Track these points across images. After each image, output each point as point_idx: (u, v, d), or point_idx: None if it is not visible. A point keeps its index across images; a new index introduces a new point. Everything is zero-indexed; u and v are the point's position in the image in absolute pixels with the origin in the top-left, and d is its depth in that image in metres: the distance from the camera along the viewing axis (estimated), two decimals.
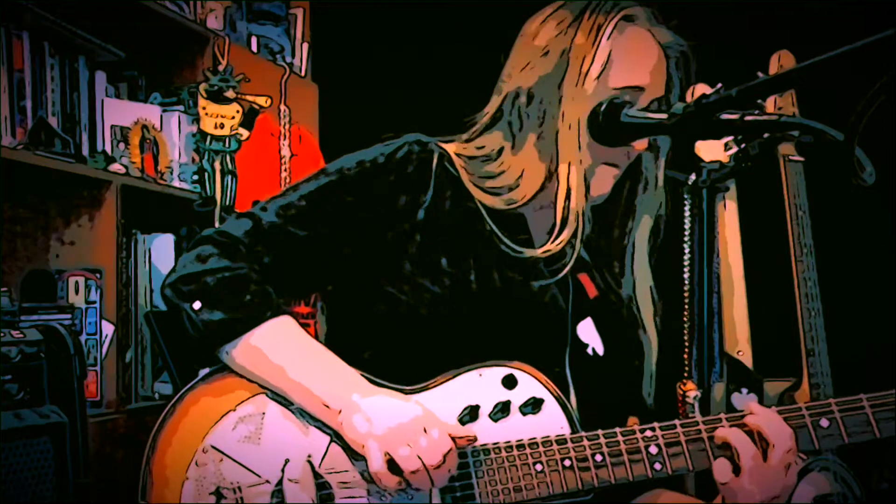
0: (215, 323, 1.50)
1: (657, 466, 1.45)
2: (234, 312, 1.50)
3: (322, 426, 1.50)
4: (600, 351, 1.66)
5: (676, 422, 1.47)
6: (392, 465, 1.42)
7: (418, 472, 1.41)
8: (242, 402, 1.52)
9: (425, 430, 1.42)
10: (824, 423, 1.45)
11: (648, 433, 1.46)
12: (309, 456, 1.49)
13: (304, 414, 1.51)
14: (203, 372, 1.57)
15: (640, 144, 1.59)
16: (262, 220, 1.58)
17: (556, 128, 1.57)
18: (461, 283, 1.56)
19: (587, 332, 1.66)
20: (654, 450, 1.46)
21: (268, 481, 1.48)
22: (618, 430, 1.47)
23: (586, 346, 1.65)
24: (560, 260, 1.62)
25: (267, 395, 1.53)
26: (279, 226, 1.57)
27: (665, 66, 1.62)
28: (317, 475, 1.48)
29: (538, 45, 1.61)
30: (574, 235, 1.58)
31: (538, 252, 1.59)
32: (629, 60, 1.58)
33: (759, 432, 1.43)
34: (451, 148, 1.65)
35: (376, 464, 1.42)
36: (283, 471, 1.48)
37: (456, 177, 1.62)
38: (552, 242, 1.58)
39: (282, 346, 1.52)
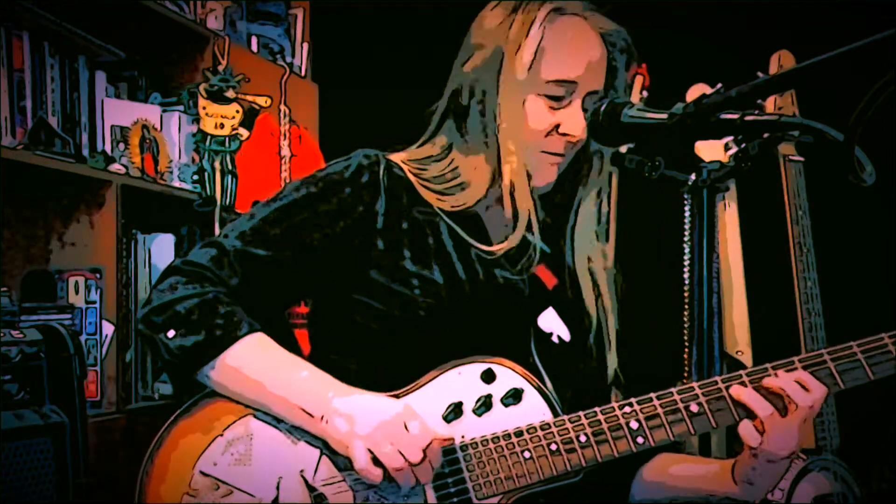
0: (189, 348, 1.51)
1: (640, 440, 1.48)
2: (206, 335, 1.51)
3: (310, 440, 1.51)
4: (566, 337, 1.69)
5: (653, 395, 1.49)
6: (377, 461, 1.44)
7: (402, 470, 1.44)
8: (229, 425, 1.53)
9: (406, 426, 1.44)
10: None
11: (627, 409, 1.49)
12: (301, 470, 1.50)
13: (292, 429, 1.52)
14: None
15: (580, 134, 1.61)
16: (225, 246, 1.60)
17: (496, 123, 1.61)
18: (428, 282, 1.59)
19: (549, 321, 1.69)
20: (634, 425, 1.48)
21: (263, 500, 1.48)
22: (597, 409, 1.50)
23: (549, 335, 1.67)
24: (521, 253, 1.66)
25: (255, 416, 1.53)
26: (242, 250, 1.59)
27: (606, 56, 1.65)
28: (311, 488, 1.49)
29: (478, 42, 1.66)
30: (528, 228, 1.62)
31: (501, 248, 1.63)
32: (563, 52, 1.61)
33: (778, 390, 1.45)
34: (398, 157, 1.69)
35: (361, 461, 1.43)
36: (277, 489, 1.49)
37: (408, 183, 1.65)
38: (509, 239, 1.63)
39: (257, 362, 1.53)
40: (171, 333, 1.52)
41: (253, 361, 1.53)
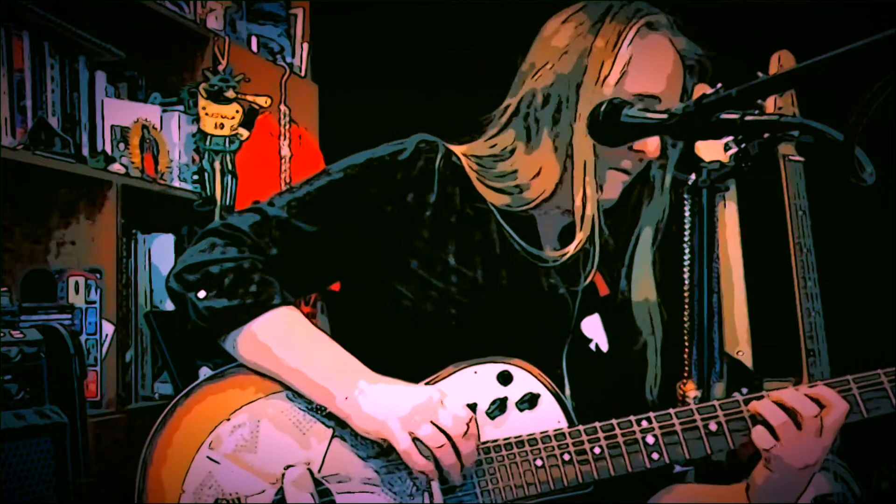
0: (219, 310, 1.50)
1: (654, 456, 1.47)
2: (238, 300, 1.50)
3: (324, 419, 1.50)
4: (604, 347, 1.67)
5: (671, 411, 1.48)
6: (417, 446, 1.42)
7: (444, 447, 1.41)
8: (236, 410, 1.51)
9: (442, 404, 1.43)
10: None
11: (644, 423, 1.47)
12: (308, 463, 1.48)
13: (302, 419, 1.50)
14: (197, 379, 1.56)
15: (653, 151, 1.59)
16: (269, 214, 1.58)
17: (572, 130, 1.57)
18: (468, 281, 1.57)
19: (593, 327, 1.67)
20: (650, 440, 1.47)
21: (266, 489, 1.47)
22: (614, 421, 1.48)
23: (589, 340, 1.65)
24: (577, 266, 1.63)
25: (287, 396, 1.51)
26: (286, 220, 1.57)
27: (682, 75, 1.62)
28: (317, 482, 1.47)
29: (557, 46, 1.61)
30: (591, 238, 1.59)
31: (569, 251, 1.59)
32: (647, 67, 1.58)
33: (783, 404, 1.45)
34: (459, 149, 1.66)
35: (404, 443, 1.41)
36: (282, 477, 1.47)
37: (464, 177, 1.62)
38: (572, 245, 1.59)
39: (286, 335, 1.52)
40: (201, 294, 1.50)
41: (281, 334, 1.51)
